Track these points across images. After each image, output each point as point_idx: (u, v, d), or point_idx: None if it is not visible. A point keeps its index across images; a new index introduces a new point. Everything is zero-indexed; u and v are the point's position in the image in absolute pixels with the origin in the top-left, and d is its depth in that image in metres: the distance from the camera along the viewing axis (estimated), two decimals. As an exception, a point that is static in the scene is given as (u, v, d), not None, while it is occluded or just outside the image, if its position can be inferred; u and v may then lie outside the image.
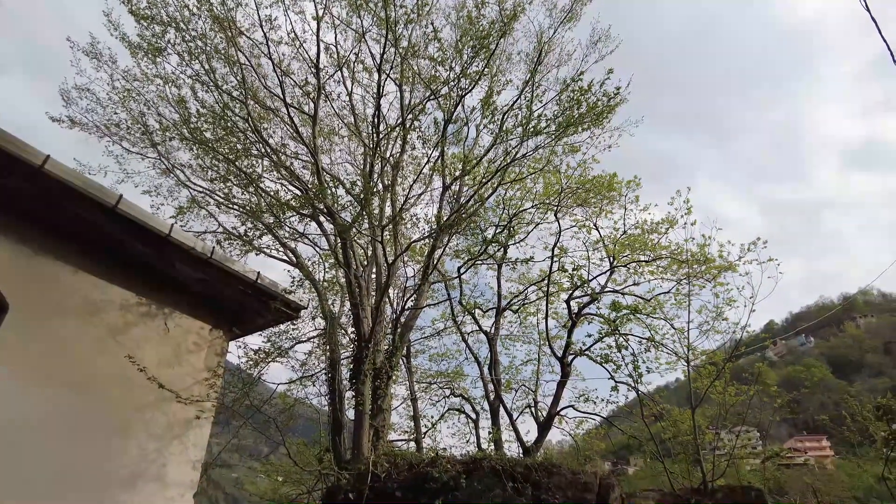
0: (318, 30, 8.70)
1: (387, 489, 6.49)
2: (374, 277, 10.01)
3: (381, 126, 9.38)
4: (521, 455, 9.21)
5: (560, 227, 11.04)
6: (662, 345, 10.18)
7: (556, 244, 11.04)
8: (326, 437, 8.74)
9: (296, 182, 9.90)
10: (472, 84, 8.75)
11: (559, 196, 10.77)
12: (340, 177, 11.19)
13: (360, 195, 8.94)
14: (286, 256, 10.07)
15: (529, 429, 10.56)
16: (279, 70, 9.07)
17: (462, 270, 10.76)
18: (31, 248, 3.93)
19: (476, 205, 9.72)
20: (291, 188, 10.21)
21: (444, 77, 8.88)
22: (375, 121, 9.00)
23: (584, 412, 10.61)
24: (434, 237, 9.13)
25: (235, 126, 9.43)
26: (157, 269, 4.59)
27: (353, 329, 8.78)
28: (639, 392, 9.75)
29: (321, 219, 9.85)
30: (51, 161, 3.59)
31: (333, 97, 10.57)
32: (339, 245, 9.18)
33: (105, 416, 4.10)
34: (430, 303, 12.15)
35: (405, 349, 12.09)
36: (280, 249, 10.09)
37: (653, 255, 10.79)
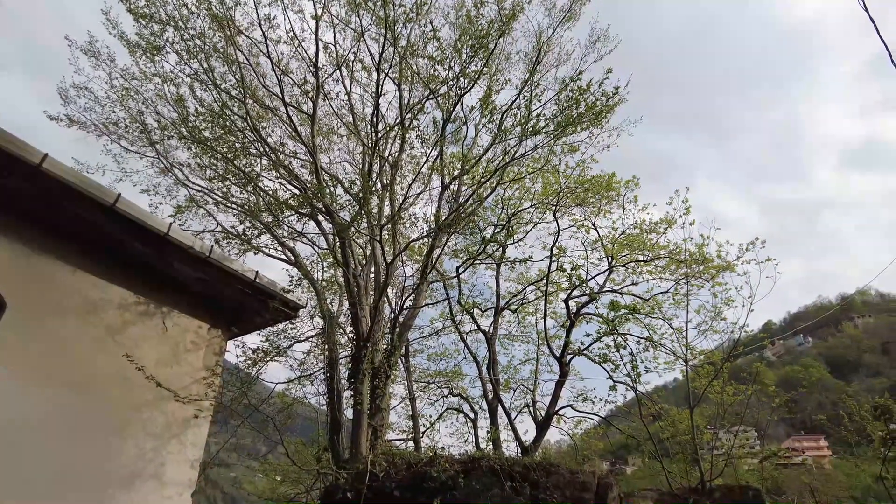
0: (317, 29, 8.71)
1: (385, 488, 6.49)
2: (373, 277, 10.01)
3: (380, 125, 9.39)
4: (520, 454, 9.23)
5: (559, 227, 11.07)
6: (661, 344, 10.22)
7: (555, 244, 11.06)
8: (325, 437, 8.75)
9: (294, 181, 9.89)
10: (471, 83, 8.76)
11: (558, 196, 10.78)
12: (339, 176, 11.19)
13: (359, 194, 8.94)
14: (285, 256, 10.07)
15: (528, 428, 10.59)
16: (278, 69, 9.07)
17: (461, 270, 10.77)
18: (30, 248, 3.91)
19: (475, 204, 9.73)
20: (290, 187, 10.21)
21: (443, 76, 8.89)
22: (374, 120, 9.00)
23: (583, 412, 10.66)
24: (433, 236, 9.13)
25: (234, 125, 9.43)
26: (156, 269, 4.58)
27: (352, 328, 8.79)
28: (637, 392, 9.78)
29: (320, 218, 9.85)
30: (49, 159, 3.57)
31: (332, 96, 10.59)
32: (338, 244, 9.17)
33: (104, 416, 4.09)
34: (429, 302, 12.18)
35: (404, 348, 12.11)
36: (278, 249, 10.08)
37: (651, 255, 10.81)
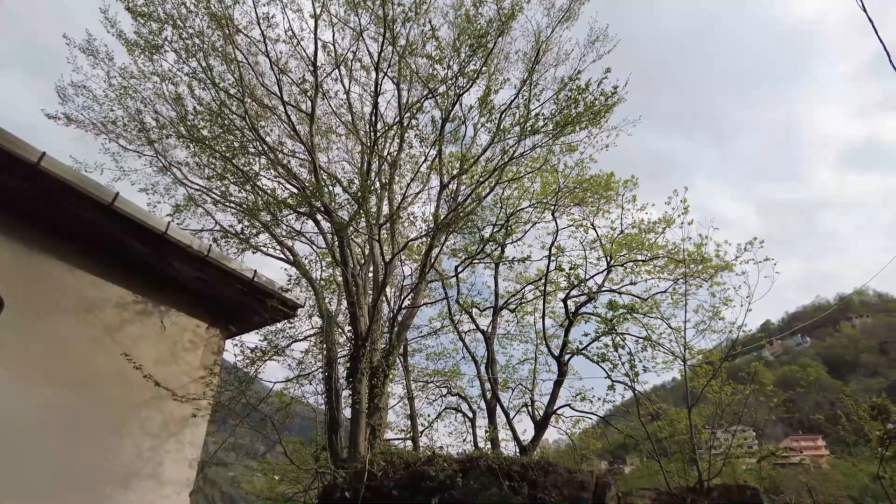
0: (316, 28, 8.70)
1: (383, 487, 6.49)
2: (372, 276, 10.00)
3: (379, 124, 9.38)
4: (518, 454, 9.23)
5: (557, 227, 11.08)
6: (659, 344, 10.23)
7: (554, 243, 11.06)
8: (323, 436, 8.74)
9: (293, 180, 9.89)
10: (470, 83, 8.76)
11: (556, 195, 10.79)
12: (338, 175, 11.19)
13: (358, 193, 8.93)
14: (283, 255, 10.06)
15: (526, 428, 10.56)
16: (277, 68, 9.06)
17: (459, 269, 10.77)
18: (29, 247, 3.91)
19: (473, 204, 9.72)
20: (288, 186, 10.21)
21: (442, 76, 8.89)
22: (373, 119, 9.00)
23: (581, 411, 10.65)
24: (431, 236, 9.13)
25: (232, 124, 9.41)
26: (154, 268, 4.57)
27: (350, 328, 8.78)
28: (635, 391, 9.78)
29: (318, 217, 9.84)
30: (47, 158, 3.56)
31: (331, 95, 10.58)
32: (337, 243, 9.17)
33: (103, 415, 4.09)
34: (428, 302, 12.17)
35: (402, 348, 12.09)
36: (277, 248, 10.07)
37: (650, 255, 10.82)
